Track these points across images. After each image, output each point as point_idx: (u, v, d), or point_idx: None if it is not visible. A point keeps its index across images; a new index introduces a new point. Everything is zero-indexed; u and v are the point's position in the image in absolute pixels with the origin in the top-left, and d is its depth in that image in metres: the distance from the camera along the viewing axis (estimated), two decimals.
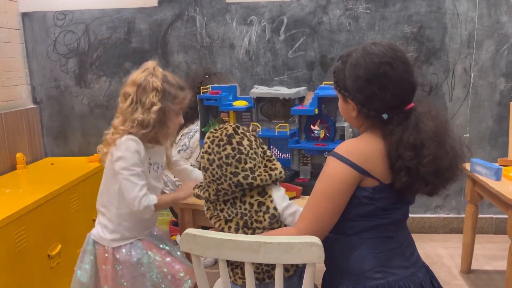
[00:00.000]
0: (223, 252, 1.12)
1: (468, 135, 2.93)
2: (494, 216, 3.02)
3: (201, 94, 1.92)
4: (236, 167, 1.22)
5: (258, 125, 1.87)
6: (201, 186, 1.34)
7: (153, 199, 1.48)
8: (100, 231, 1.56)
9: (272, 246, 1.08)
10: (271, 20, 2.89)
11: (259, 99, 1.91)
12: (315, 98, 1.75)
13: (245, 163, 1.23)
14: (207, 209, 1.33)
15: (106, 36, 2.99)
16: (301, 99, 1.89)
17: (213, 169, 1.23)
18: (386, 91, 1.11)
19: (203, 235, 1.14)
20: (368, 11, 2.82)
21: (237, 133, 1.26)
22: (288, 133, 1.81)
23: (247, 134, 1.29)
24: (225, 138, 1.24)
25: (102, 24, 2.98)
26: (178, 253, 1.65)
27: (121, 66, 3.01)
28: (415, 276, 1.20)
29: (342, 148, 1.16)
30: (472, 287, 2.38)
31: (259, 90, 1.90)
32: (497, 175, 2.10)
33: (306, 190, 1.76)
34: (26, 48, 3.04)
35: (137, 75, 1.53)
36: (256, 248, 1.09)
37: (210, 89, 1.96)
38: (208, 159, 1.25)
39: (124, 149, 1.46)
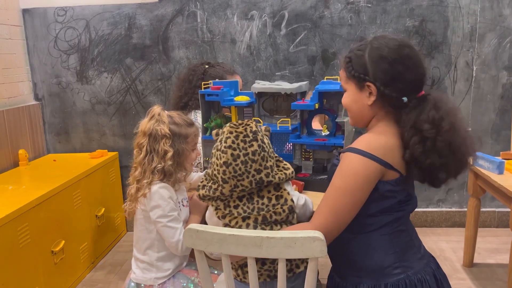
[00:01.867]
0: (226, 247, 1.13)
1: (470, 128, 2.92)
2: (497, 209, 3.02)
3: (203, 90, 1.92)
4: (260, 165, 1.23)
5: (260, 120, 1.87)
6: (205, 186, 1.30)
7: None
8: (142, 274, 1.59)
9: (274, 240, 1.08)
10: (272, 15, 2.88)
11: (260, 94, 1.91)
12: (315, 92, 1.74)
13: (267, 161, 1.24)
14: (216, 209, 1.29)
15: (107, 32, 2.99)
16: (303, 94, 1.88)
17: (237, 164, 1.22)
18: (409, 72, 1.17)
19: (206, 230, 1.14)
20: (369, 5, 2.81)
21: (259, 131, 1.27)
22: (289, 128, 1.81)
23: (264, 133, 1.31)
24: (251, 135, 1.24)
25: (102, 20, 2.97)
26: (216, 272, 1.68)
27: (122, 62, 3.01)
28: (427, 267, 1.23)
29: (361, 144, 1.16)
30: (475, 281, 2.39)
31: (260, 85, 1.89)
32: (500, 169, 2.10)
33: (308, 185, 1.76)
34: (27, 44, 3.04)
35: (145, 124, 1.56)
36: (258, 243, 1.09)
37: (212, 85, 1.96)
38: (232, 154, 1.22)
39: (158, 198, 1.51)
